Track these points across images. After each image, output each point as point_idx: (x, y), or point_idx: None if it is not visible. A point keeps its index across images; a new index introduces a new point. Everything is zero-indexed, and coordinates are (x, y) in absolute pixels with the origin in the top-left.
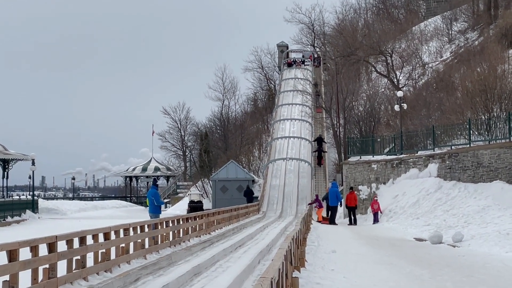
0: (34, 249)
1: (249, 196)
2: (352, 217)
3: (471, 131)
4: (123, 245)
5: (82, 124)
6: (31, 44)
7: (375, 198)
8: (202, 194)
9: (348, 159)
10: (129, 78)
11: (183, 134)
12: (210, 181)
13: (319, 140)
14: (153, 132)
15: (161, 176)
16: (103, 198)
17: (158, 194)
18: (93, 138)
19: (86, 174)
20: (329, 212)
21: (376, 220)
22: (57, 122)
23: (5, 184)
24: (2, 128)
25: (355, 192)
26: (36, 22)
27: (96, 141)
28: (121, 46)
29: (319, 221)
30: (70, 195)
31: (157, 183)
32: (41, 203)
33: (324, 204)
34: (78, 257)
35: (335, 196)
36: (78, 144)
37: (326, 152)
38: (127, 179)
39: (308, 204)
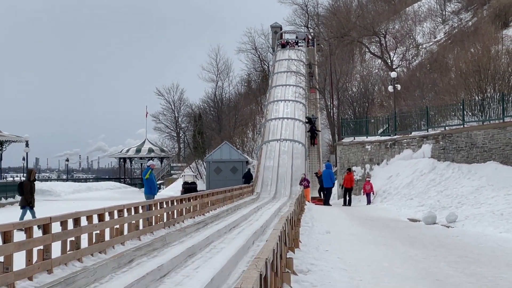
0: (28, 231)
1: (248, 179)
2: (348, 198)
3: (465, 112)
4: (117, 226)
5: (78, 106)
6: (29, 24)
7: (368, 179)
8: (196, 176)
9: (342, 140)
10: (125, 59)
11: (176, 115)
12: (204, 162)
13: (310, 120)
14: (146, 114)
15: (155, 157)
16: (97, 179)
17: (145, 172)
18: (91, 119)
19: (80, 155)
20: (321, 193)
21: (369, 201)
22: (53, 104)
23: None
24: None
25: (353, 173)
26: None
27: (93, 122)
28: (116, 28)
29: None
30: (64, 177)
31: (151, 164)
32: (35, 184)
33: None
34: (72, 239)
35: (329, 177)
36: (75, 126)
37: (319, 131)
38: (121, 160)
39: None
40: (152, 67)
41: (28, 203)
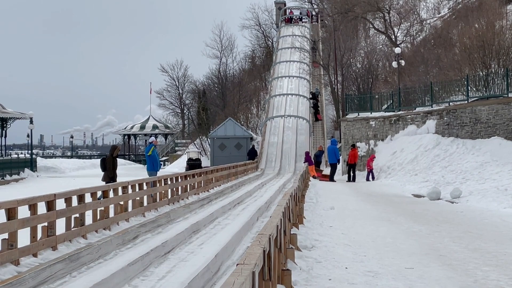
0: (33, 207)
1: (253, 155)
2: (352, 174)
3: (469, 87)
4: (122, 203)
5: (89, 82)
6: (34, 2)
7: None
8: (200, 152)
9: (346, 116)
10: (129, 36)
11: (181, 92)
12: (208, 139)
13: (313, 95)
14: (151, 90)
15: (159, 134)
16: (101, 156)
17: (147, 148)
18: (101, 95)
19: (84, 133)
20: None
21: (367, 177)
22: (63, 79)
23: (3, 143)
24: (3, 85)
25: (357, 149)
26: None
27: (104, 98)
28: (120, 5)
29: (314, 176)
30: (69, 154)
31: (153, 141)
32: (40, 161)
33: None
34: (77, 215)
35: (333, 153)
36: (85, 102)
37: (318, 101)
38: (126, 137)
39: (304, 163)
40: (156, 44)
41: (110, 179)
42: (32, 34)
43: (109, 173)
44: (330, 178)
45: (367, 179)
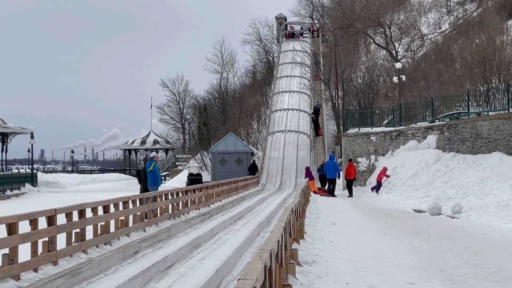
0: (33, 222)
1: (254, 170)
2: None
3: (470, 103)
4: (122, 218)
5: (92, 97)
6: (34, 14)
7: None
8: (201, 167)
9: (347, 131)
10: (137, 51)
11: (182, 107)
12: (209, 154)
13: (315, 111)
14: (151, 105)
15: (160, 149)
16: (102, 171)
17: (148, 164)
18: (108, 110)
19: (85, 148)
20: (322, 183)
21: (374, 189)
22: (68, 94)
23: (4, 158)
24: (5, 100)
25: (354, 164)
26: None
27: (110, 113)
28: (119, 20)
29: (314, 192)
30: (69, 168)
31: (154, 156)
32: (40, 176)
33: (317, 175)
34: (78, 230)
35: (334, 168)
36: (91, 117)
37: (319, 127)
38: (126, 152)
39: (304, 178)
40: (160, 59)
41: (145, 191)
42: (34, 43)
43: (145, 184)
44: (330, 192)
45: (373, 190)
